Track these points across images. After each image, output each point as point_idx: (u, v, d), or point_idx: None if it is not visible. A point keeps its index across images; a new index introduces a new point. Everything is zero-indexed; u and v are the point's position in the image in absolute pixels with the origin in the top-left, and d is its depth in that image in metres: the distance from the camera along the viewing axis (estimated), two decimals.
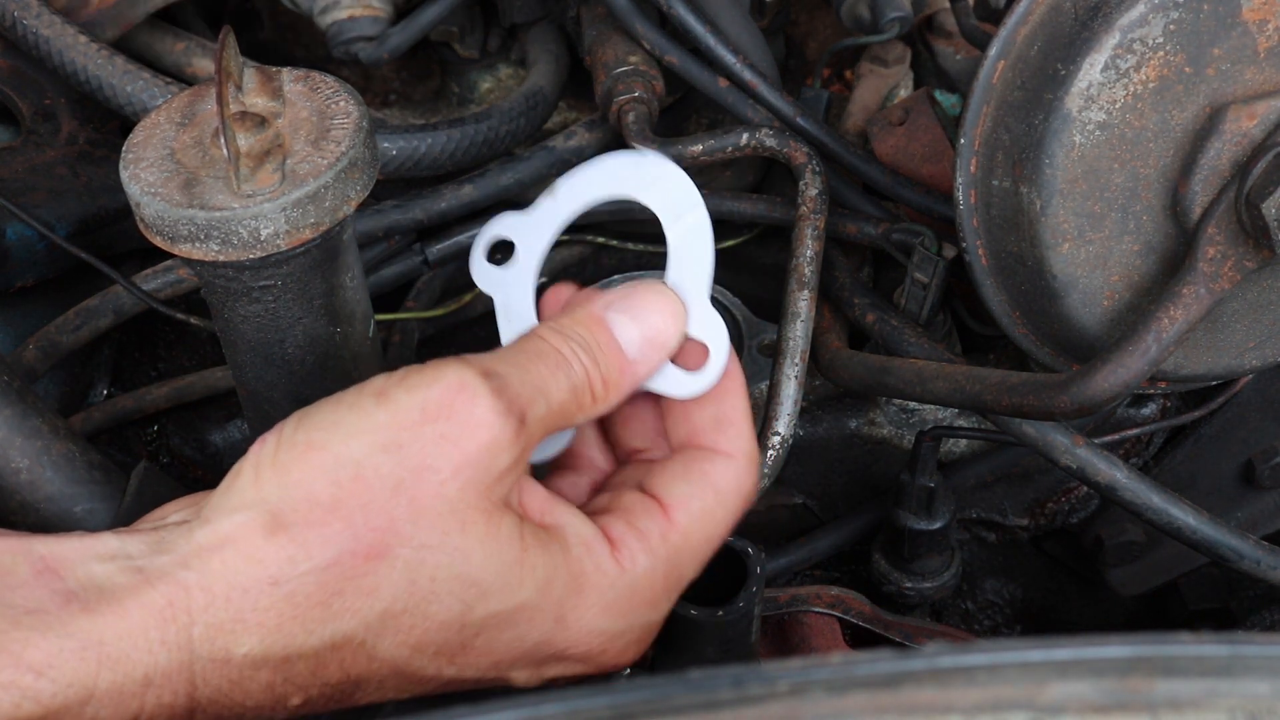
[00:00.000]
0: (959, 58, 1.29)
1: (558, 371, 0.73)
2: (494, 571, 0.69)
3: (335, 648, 0.67)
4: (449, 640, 0.69)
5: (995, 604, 1.26)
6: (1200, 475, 1.20)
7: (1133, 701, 0.49)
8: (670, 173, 0.80)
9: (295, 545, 0.66)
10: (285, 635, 0.66)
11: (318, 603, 0.66)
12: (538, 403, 0.71)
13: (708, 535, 0.76)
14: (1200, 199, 0.92)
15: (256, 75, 0.80)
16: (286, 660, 0.66)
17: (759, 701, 0.49)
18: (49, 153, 1.16)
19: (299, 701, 0.68)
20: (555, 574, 0.71)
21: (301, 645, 0.66)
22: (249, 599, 0.65)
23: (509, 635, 0.71)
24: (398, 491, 0.67)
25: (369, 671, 0.69)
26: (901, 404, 1.16)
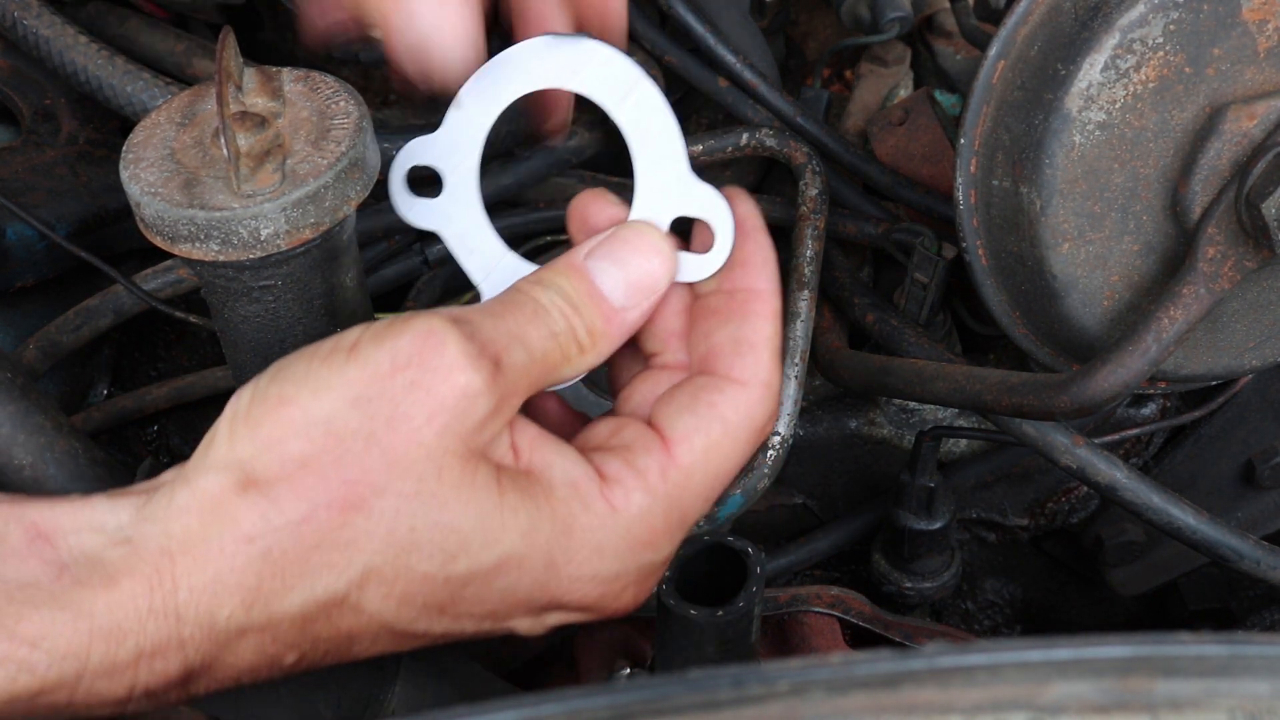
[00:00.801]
0: (959, 58, 1.29)
1: (535, 320, 0.72)
2: (473, 519, 0.68)
3: (321, 605, 0.66)
4: (435, 593, 0.68)
5: (995, 604, 1.26)
6: (1200, 475, 1.20)
7: (1133, 701, 0.49)
8: (597, 50, 0.74)
9: (268, 502, 0.65)
10: (266, 595, 0.65)
11: (295, 559, 0.65)
12: (514, 349, 0.70)
13: (714, 472, 0.74)
14: (1200, 199, 0.92)
15: (256, 75, 0.80)
16: (271, 623, 0.66)
17: (759, 701, 0.49)
18: (49, 153, 1.16)
19: (294, 659, 0.67)
20: (539, 520, 0.69)
21: (285, 605, 0.66)
22: (226, 559, 0.64)
23: (500, 585, 0.69)
24: (370, 444, 0.66)
25: (359, 627, 0.68)
26: (901, 404, 1.16)
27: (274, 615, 0.66)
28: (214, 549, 0.65)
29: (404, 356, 0.67)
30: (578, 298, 0.74)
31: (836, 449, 1.17)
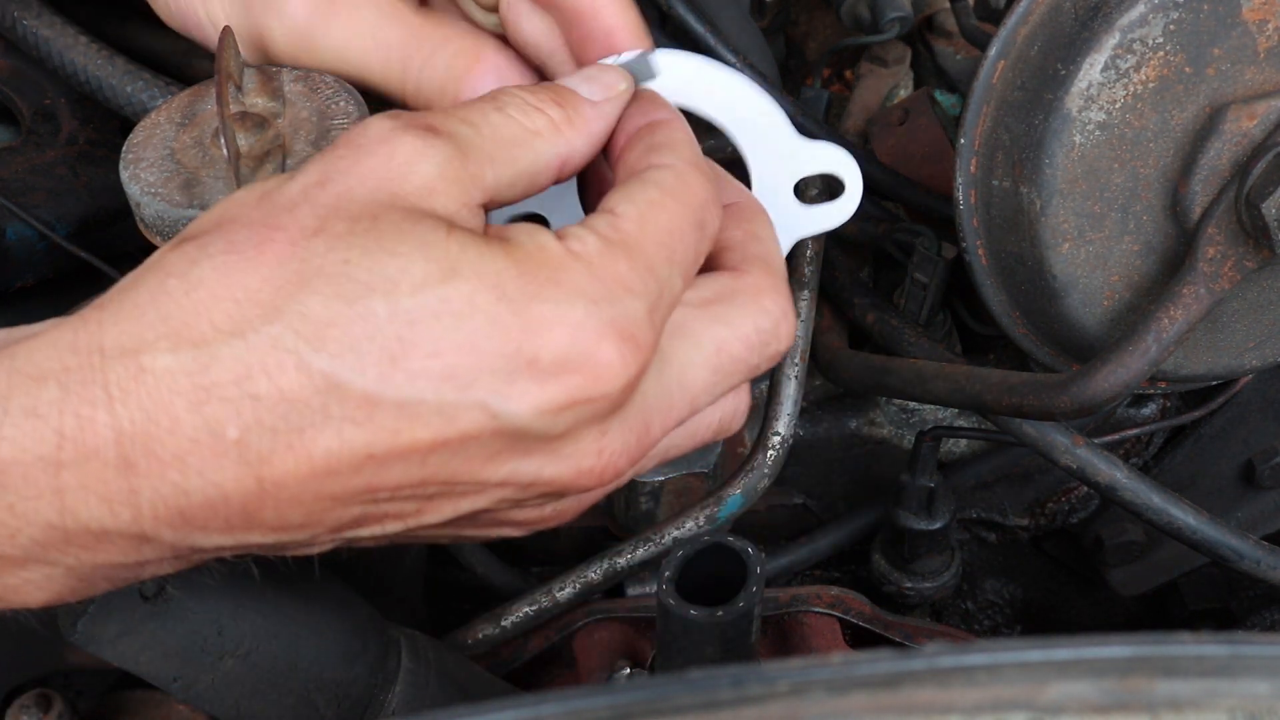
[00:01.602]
0: (959, 58, 1.29)
1: (485, 105, 0.70)
2: (414, 246, 0.63)
3: (254, 352, 0.61)
4: (379, 334, 0.61)
5: (995, 604, 1.26)
6: (1200, 475, 1.20)
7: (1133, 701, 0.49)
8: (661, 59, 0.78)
9: (196, 247, 0.63)
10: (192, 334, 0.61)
11: (222, 297, 0.61)
12: (454, 123, 0.68)
13: (665, 228, 0.69)
14: (1200, 199, 0.92)
15: (256, 75, 0.80)
16: (201, 366, 0.60)
17: (759, 701, 0.49)
18: (49, 153, 1.16)
19: (235, 433, 0.61)
20: (490, 256, 0.64)
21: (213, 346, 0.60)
22: (152, 304, 0.61)
23: (453, 328, 0.62)
24: (302, 200, 0.64)
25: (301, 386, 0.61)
26: (901, 404, 1.16)
27: (203, 360, 0.60)
28: (140, 296, 0.62)
29: (335, 144, 0.66)
30: (539, 89, 0.72)
31: (836, 449, 1.18)
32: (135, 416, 0.60)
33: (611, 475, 0.68)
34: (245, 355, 0.60)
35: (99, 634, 0.75)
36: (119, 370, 0.60)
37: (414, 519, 0.66)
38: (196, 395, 0.60)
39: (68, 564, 0.63)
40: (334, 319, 0.61)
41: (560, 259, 0.65)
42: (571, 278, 0.64)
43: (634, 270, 0.66)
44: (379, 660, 0.84)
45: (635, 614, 1.03)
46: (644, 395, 0.68)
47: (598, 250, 0.66)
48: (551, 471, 0.66)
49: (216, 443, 0.60)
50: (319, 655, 0.81)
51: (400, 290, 0.62)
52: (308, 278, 0.61)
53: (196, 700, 0.79)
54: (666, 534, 1.04)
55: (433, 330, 0.62)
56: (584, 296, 0.64)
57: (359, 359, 0.61)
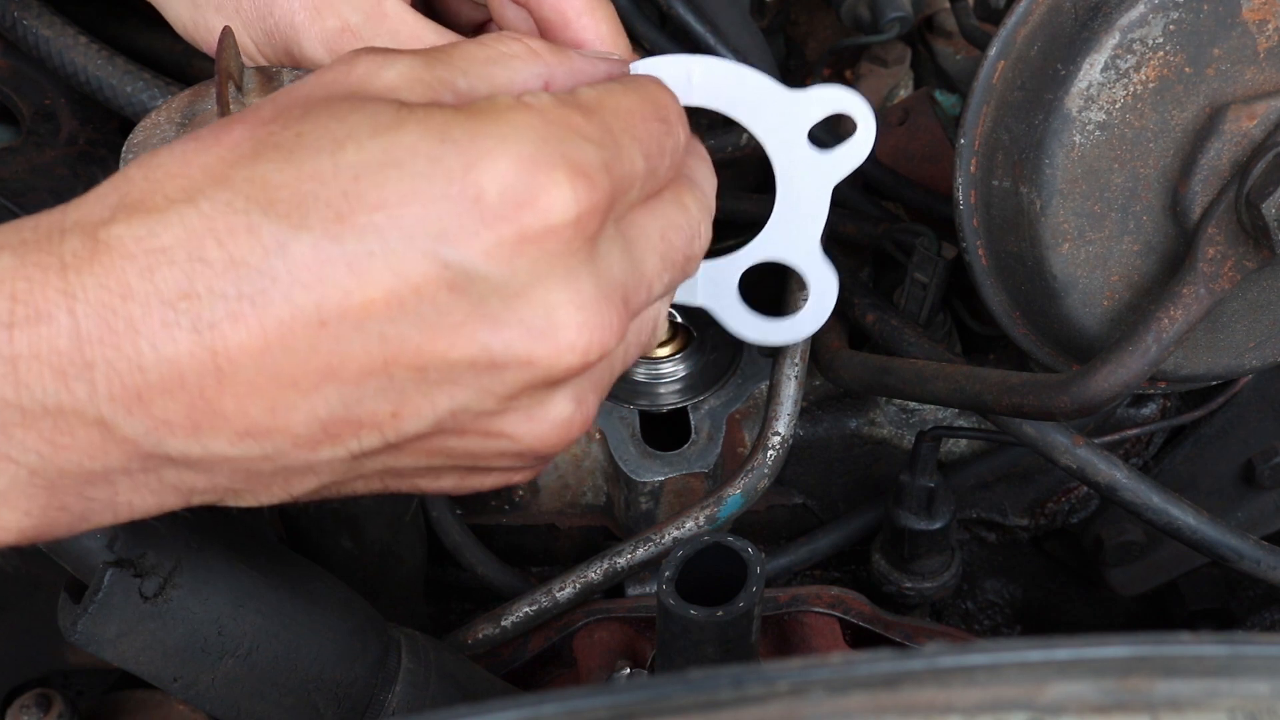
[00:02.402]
0: (959, 58, 1.29)
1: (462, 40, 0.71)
2: (364, 117, 0.62)
3: (203, 215, 0.60)
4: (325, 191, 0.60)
5: (995, 604, 1.26)
6: (1200, 475, 1.20)
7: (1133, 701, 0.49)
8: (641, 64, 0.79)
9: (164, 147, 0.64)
10: (146, 204, 0.61)
11: (172, 174, 0.61)
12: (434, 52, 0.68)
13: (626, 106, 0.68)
14: (1200, 199, 0.92)
15: (256, 75, 0.80)
16: (151, 232, 0.60)
17: (759, 701, 0.49)
18: (49, 153, 1.16)
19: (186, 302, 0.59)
20: (442, 114, 0.62)
21: (164, 213, 0.60)
22: (112, 188, 0.62)
23: (400, 181, 0.61)
24: (264, 103, 0.65)
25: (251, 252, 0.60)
26: (901, 404, 1.16)
27: (152, 225, 0.60)
28: (103, 184, 0.62)
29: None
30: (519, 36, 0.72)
31: (836, 449, 1.18)
32: (87, 283, 0.59)
33: (596, 351, 0.64)
34: (195, 220, 0.60)
35: (99, 634, 0.75)
36: (74, 241, 0.60)
37: (391, 427, 0.64)
38: (147, 260, 0.60)
39: (30, 463, 0.61)
40: (284, 181, 0.61)
41: (509, 103, 0.64)
42: (519, 117, 0.63)
43: (589, 123, 0.65)
44: (379, 660, 0.84)
45: (635, 614, 1.03)
46: (609, 262, 0.66)
47: (551, 103, 0.64)
48: (527, 345, 0.63)
49: (167, 311, 0.60)
50: (319, 655, 0.81)
51: (346, 148, 0.61)
52: (261, 150, 0.62)
53: (196, 700, 0.79)
54: (666, 534, 1.04)
55: (376, 182, 0.61)
56: (532, 131, 0.62)
57: (305, 218, 0.60)
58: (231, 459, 0.63)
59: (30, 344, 0.59)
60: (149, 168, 0.63)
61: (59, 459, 0.62)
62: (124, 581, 0.75)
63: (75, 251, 0.60)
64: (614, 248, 0.66)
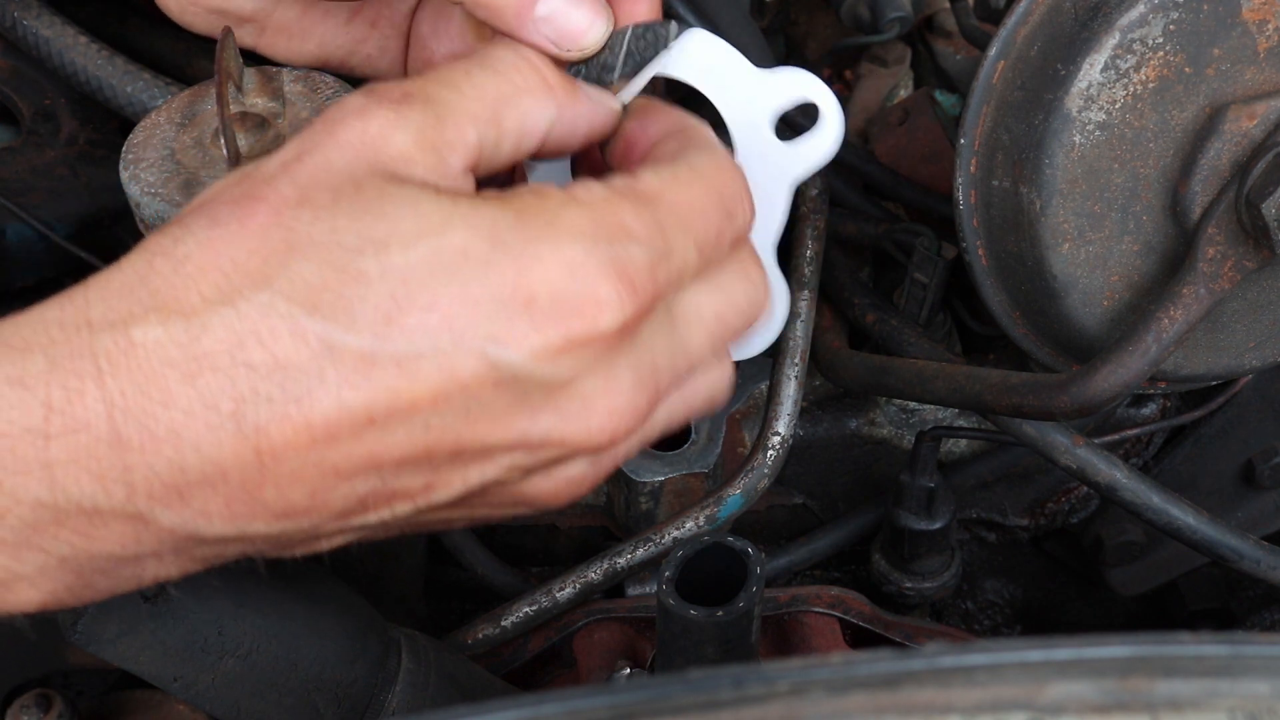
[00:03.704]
0: (959, 58, 1.29)
1: (470, 64, 0.68)
2: (404, 205, 0.62)
3: (244, 317, 0.60)
4: (373, 294, 0.60)
5: (995, 604, 1.26)
6: (1200, 475, 1.20)
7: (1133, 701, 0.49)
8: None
9: (178, 227, 0.62)
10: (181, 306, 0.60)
11: (204, 270, 0.60)
12: (433, 87, 0.66)
13: (686, 199, 0.67)
14: (1200, 199, 0.92)
15: (256, 75, 0.80)
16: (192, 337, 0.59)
17: (759, 701, 0.49)
18: (49, 153, 1.16)
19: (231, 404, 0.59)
20: (483, 206, 0.62)
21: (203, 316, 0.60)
22: (139, 281, 0.61)
23: (450, 283, 0.61)
24: (280, 174, 0.63)
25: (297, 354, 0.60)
26: (901, 404, 1.16)
27: (192, 330, 0.59)
28: (124, 271, 0.61)
29: (311, 123, 0.65)
30: (522, 51, 0.70)
31: (836, 449, 1.18)
32: (126, 389, 0.59)
33: (623, 433, 0.66)
34: (236, 323, 0.59)
35: (99, 634, 0.75)
36: (107, 343, 0.59)
37: (423, 497, 0.65)
38: (189, 367, 0.59)
39: (61, 553, 0.61)
40: (326, 283, 0.60)
41: (560, 203, 0.63)
42: (570, 219, 0.63)
43: (639, 220, 0.64)
44: (379, 660, 0.84)
45: (635, 614, 1.03)
46: (651, 350, 0.66)
47: (603, 197, 0.64)
48: (561, 429, 0.64)
49: (211, 415, 0.59)
50: (319, 655, 0.81)
51: (391, 249, 0.61)
52: (295, 246, 0.60)
53: (197, 700, 0.79)
54: (666, 534, 1.04)
55: (427, 284, 0.60)
56: (582, 236, 0.63)
57: (353, 319, 0.60)
58: (266, 536, 0.64)
59: (68, 452, 0.59)
60: (175, 260, 0.61)
61: (92, 549, 0.62)
62: None
63: (110, 354, 0.59)
64: (659, 333, 0.67)
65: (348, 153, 0.64)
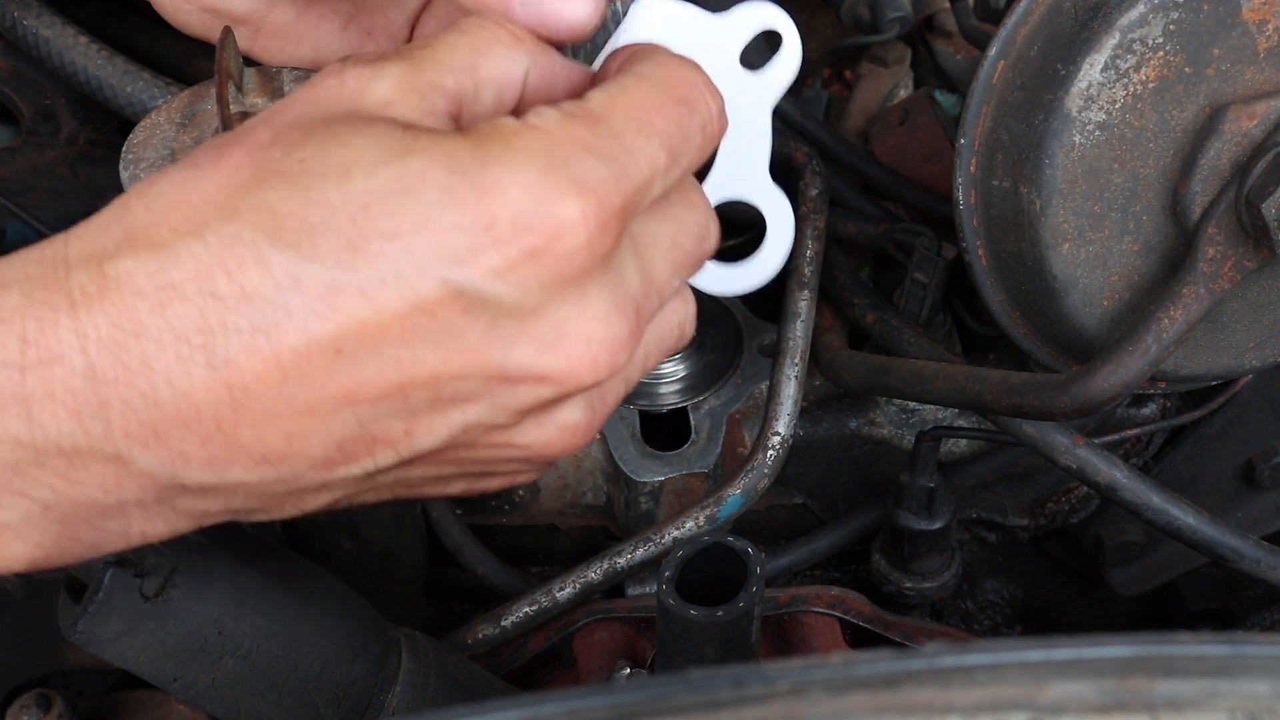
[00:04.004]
0: (959, 58, 1.29)
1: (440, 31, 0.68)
2: (369, 138, 0.62)
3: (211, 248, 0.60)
4: (335, 220, 0.60)
5: (995, 604, 1.26)
6: (1200, 475, 1.20)
7: (1133, 701, 0.49)
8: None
9: (157, 173, 0.64)
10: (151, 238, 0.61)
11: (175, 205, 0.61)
12: (406, 49, 0.67)
13: (638, 101, 0.66)
14: (1200, 199, 0.92)
15: (256, 75, 0.80)
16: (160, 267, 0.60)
17: (759, 701, 0.50)
18: (49, 153, 1.16)
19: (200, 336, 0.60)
20: (449, 141, 0.62)
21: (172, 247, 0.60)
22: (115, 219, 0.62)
23: (411, 209, 0.61)
24: (257, 124, 0.64)
25: (262, 283, 0.60)
26: (901, 404, 1.16)
27: (161, 261, 0.60)
28: (102, 214, 0.62)
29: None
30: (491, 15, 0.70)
31: (836, 449, 1.18)
32: (99, 321, 0.59)
33: (607, 366, 0.65)
34: (204, 254, 0.60)
35: (99, 634, 0.75)
36: (81, 276, 0.60)
37: (405, 444, 0.64)
38: (158, 296, 0.60)
39: (44, 498, 0.62)
40: (290, 210, 0.60)
41: (515, 128, 0.63)
42: (527, 142, 0.63)
43: (595, 135, 0.64)
44: (379, 660, 0.84)
45: (635, 614, 1.03)
46: (623, 276, 0.66)
47: (556, 120, 0.64)
48: (539, 361, 0.63)
49: (182, 346, 0.60)
50: (319, 655, 0.81)
51: (353, 175, 0.61)
52: (264, 177, 0.61)
53: (197, 700, 0.79)
54: (666, 534, 1.04)
55: (387, 210, 0.61)
56: (540, 156, 0.62)
57: (316, 246, 0.60)
58: (247, 484, 0.64)
59: (44, 385, 0.59)
60: (149, 198, 0.62)
61: (73, 493, 0.62)
62: (124, 581, 0.75)
63: (84, 288, 0.60)
64: (627, 259, 0.66)
65: (324, 102, 0.64)
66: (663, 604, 0.80)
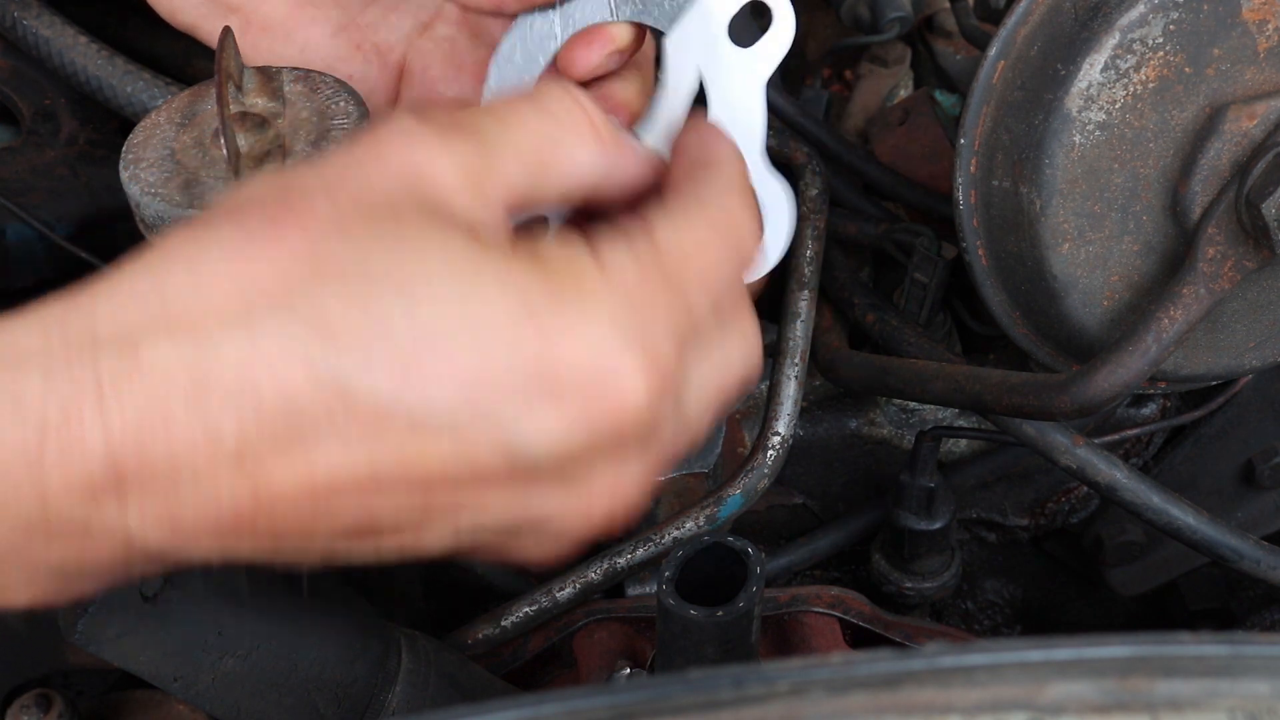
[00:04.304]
0: (959, 58, 1.29)
1: (521, 102, 0.65)
2: (435, 254, 0.59)
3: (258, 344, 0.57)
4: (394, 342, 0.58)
5: (995, 604, 1.26)
6: (1200, 475, 1.20)
7: (1133, 701, 0.49)
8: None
9: (202, 229, 0.59)
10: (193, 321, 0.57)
11: (223, 284, 0.57)
12: (481, 118, 0.64)
13: (710, 260, 0.65)
14: (1200, 199, 0.92)
15: (256, 75, 0.80)
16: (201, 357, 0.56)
17: (759, 701, 0.49)
18: (49, 153, 1.16)
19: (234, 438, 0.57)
20: (517, 266, 0.60)
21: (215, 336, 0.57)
22: (153, 289, 0.57)
23: (474, 345, 0.58)
24: (319, 191, 0.60)
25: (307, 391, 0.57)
26: (901, 404, 1.16)
27: (202, 350, 0.56)
28: (138, 276, 0.57)
29: (363, 139, 0.62)
30: (574, 93, 0.67)
31: (836, 449, 1.18)
32: (127, 411, 0.56)
33: (620, 514, 0.65)
34: (249, 349, 0.57)
35: (99, 634, 0.75)
36: (111, 359, 0.56)
37: (411, 538, 0.63)
38: (195, 390, 0.56)
39: (51, 564, 0.60)
40: (347, 319, 0.57)
41: (594, 279, 0.61)
42: (601, 295, 0.61)
43: (666, 292, 0.63)
44: (379, 660, 0.84)
45: (635, 614, 1.03)
46: (661, 438, 0.65)
47: (633, 270, 0.62)
48: (562, 512, 0.63)
49: (214, 447, 0.57)
50: (319, 655, 0.81)
51: (419, 297, 0.58)
52: (321, 272, 0.58)
53: (197, 700, 0.79)
54: (666, 534, 1.04)
55: (450, 341, 0.58)
56: (613, 313, 0.61)
57: (370, 365, 0.57)
58: (252, 552, 0.63)
59: (62, 476, 0.57)
60: (193, 268, 0.58)
61: (83, 560, 0.60)
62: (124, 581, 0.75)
63: (113, 373, 0.56)
64: (668, 415, 0.65)
65: (388, 176, 0.61)
66: (663, 604, 0.80)
